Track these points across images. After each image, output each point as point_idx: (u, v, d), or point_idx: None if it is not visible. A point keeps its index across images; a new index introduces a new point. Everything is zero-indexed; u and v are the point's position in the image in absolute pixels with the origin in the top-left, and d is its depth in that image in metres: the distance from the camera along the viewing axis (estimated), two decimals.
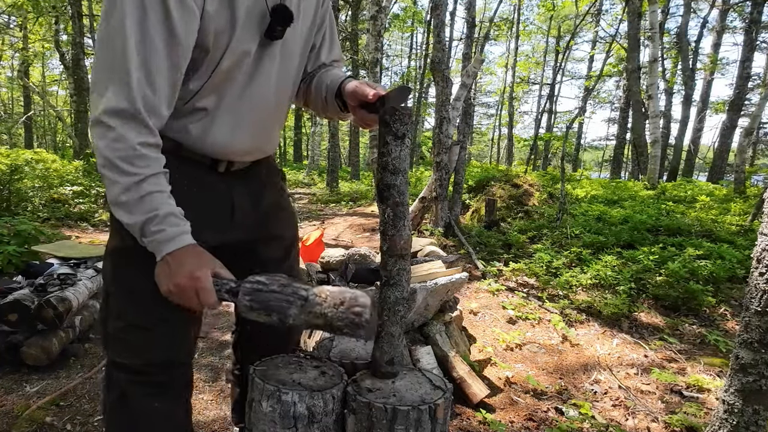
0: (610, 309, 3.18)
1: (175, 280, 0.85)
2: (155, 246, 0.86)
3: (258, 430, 0.89)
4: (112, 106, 0.81)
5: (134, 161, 0.83)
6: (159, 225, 0.85)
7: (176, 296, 0.87)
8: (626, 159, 17.92)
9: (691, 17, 14.04)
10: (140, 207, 0.84)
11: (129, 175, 0.83)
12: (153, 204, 0.84)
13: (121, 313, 0.98)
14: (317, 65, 1.17)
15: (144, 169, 0.84)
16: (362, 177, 13.14)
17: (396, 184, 0.90)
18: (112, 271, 1.01)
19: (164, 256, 0.85)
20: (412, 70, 22.43)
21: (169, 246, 0.85)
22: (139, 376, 1.00)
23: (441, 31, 5.24)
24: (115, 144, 0.82)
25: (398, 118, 0.88)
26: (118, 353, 1.01)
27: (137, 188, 0.83)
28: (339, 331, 0.82)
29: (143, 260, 0.89)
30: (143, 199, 0.84)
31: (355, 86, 0.98)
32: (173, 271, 0.85)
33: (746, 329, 1.49)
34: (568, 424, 1.96)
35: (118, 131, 0.81)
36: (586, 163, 32.16)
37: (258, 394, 0.89)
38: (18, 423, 1.79)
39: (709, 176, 11.91)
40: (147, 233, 0.85)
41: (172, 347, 1.02)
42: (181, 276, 0.85)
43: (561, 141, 8.70)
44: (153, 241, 0.85)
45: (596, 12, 17.56)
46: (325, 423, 0.88)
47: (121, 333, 0.98)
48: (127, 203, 0.84)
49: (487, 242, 4.89)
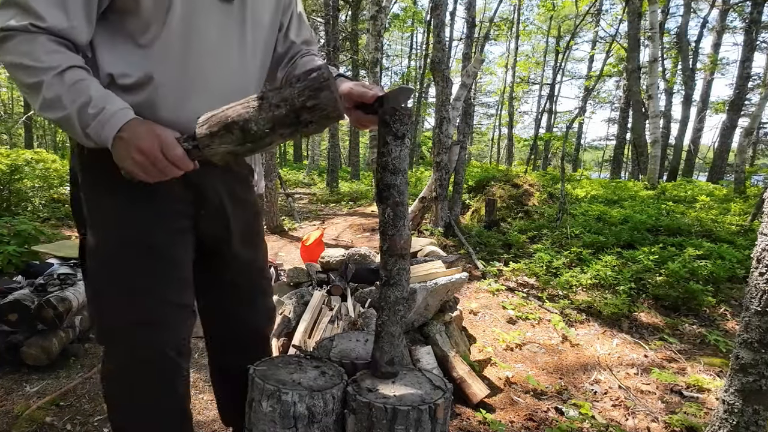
0: (610, 309, 3.18)
1: (136, 144, 0.80)
2: (100, 129, 0.80)
3: (258, 430, 0.89)
4: (10, 24, 0.77)
5: (49, 55, 0.78)
6: (96, 106, 0.79)
7: (141, 165, 0.82)
8: (626, 159, 17.91)
9: (691, 17, 14.04)
10: (69, 96, 0.79)
11: (46, 70, 0.78)
12: (82, 90, 0.79)
13: (117, 306, 0.96)
14: (287, 46, 1.14)
15: (61, 62, 0.79)
16: (362, 177, 13.13)
17: (396, 184, 0.90)
18: (98, 270, 0.97)
19: (115, 135, 0.81)
20: (412, 70, 22.42)
21: (116, 121, 0.81)
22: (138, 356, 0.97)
23: (441, 31, 5.24)
24: (20, 46, 0.77)
25: (398, 118, 0.88)
26: (116, 343, 0.98)
27: (60, 79, 0.78)
28: (305, 109, 0.75)
29: (132, 251, 0.91)
30: (71, 89, 0.79)
31: (351, 88, 0.95)
32: (130, 141, 0.80)
33: (746, 329, 1.49)
34: (568, 424, 1.96)
35: (22, 36, 0.77)
36: (586, 163, 32.15)
37: (258, 394, 0.89)
38: (18, 423, 1.79)
39: (709, 176, 11.90)
40: (87, 119, 0.79)
41: (162, 346, 0.98)
42: (140, 139, 0.81)
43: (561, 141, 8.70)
44: (97, 125, 0.80)
45: (596, 12, 17.55)
46: (325, 423, 0.88)
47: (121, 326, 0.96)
48: (54, 99, 0.79)
49: (487, 242, 4.89)
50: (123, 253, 0.94)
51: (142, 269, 0.95)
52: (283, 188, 7.26)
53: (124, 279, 0.94)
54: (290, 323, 2.29)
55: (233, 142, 0.79)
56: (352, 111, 0.99)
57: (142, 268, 0.95)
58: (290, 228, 6.35)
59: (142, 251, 0.95)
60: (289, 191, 7.83)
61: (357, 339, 1.25)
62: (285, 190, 7.43)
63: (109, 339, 0.99)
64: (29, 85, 0.80)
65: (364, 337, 1.26)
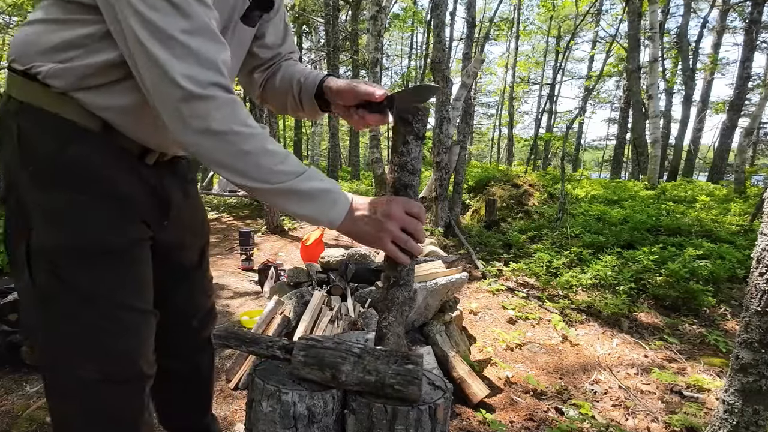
0: (610, 309, 3.18)
1: (389, 226, 0.79)
2: (331, 204, 0.78)
3: (258, 430, 0.89)
4: (198, 77, 0.70)
5: (248, 122, 0.74)
6: (319, 180, 0.77)
7: (390, 245, 0.81)
8: (626, 159, 17.91)
9: (691, 17, 14.04)
10: (289, 167, 0.75)
11: (255, 138, 0.73)
12: (296, 162, 0.77)
13: (74, 315, 0.86)
14: (273, 54, 1.10)
15: (257, 129, 0.75)
16: (362, 177, 13.14)
17: (413, 184, 0.90)
18: (54, 272, 0.84)
19: (351, 207, 0.80)
20: (412, 70, 22.40)
21: (346, 198, 0.80)
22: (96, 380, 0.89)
23: (441, 31, 5.24)
24: (225, 109, 0.72)
25: (420, 118, 0.88)
26: (71, 358, 0.88)
27: (272, 150, 0.75)
28: (390, 388, 0.83)
29: (102, 257, 0.84)
30: (287, 159, 0.76)
31: (353, 85, 0.93)
32: (377, 216, 0.80)
33: (746, 329, 1.49)
34: (568, 424, 1.96)
35: (222, 96, 0.72)
36: (586, 163, 32.13)
37: (258, 394, 0.89)
38: (18, 423, 1.79)
39: (709, 176, 11.91)
40: (312, 194, 0.76)
41: (136, 351, 0.92)
42: (393, 221, 0.79)
43: (561, 141, 8.69)
44: (327, 199, 0.77)
45: (596, 12, 17.55)
46: (325, 423, 0.87)
47: (78, 336, 0.86)
48: (274, 170, 0.74)
49: (487, 242, 4.89)
50: (92, 261, 0.85)
51: (118, 276, 0.89)
52: None
53: (99, 292, 0.86)
54: (290, 323, 2.29)
55: (319, 375, 0.86)
56: (352, 109, 0.97)
57: (120, 275, 0.89)
58: (290, 228, 6.35)
59: (120, 257, 0.88)
60: None
61: (357, 339, 1.25)
62: None
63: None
64: (242, 152, 0.74)
65: (365, 337, 1.26)
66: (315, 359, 0.86)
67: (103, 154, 0.84)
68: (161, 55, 0.69)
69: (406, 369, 0.83)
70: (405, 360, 0.84)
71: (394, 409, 0.83)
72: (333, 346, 0.87)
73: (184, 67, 0.69)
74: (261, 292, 3.57)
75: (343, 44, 13.89)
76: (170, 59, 0.69)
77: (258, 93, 1.14)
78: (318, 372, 0.86)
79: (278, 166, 0.75)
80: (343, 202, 0.80)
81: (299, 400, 0.86)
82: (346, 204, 0.80)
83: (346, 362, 0.85)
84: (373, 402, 0.84)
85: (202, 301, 1.20)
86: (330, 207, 0.78)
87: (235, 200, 8.12)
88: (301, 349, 0.87)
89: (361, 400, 0.86)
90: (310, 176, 0.77)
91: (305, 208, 0.77)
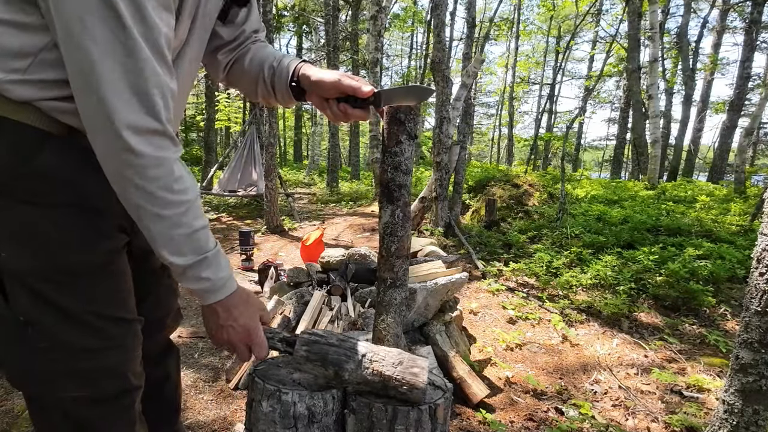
0: (610, 309, 3.18)
1: (228, 336, 0.84)
2: (201, 293, 0.80)
3: (258, 430, 0.89)
4: (136, 124, 0.67)
5: (173, 187, 0.72)
6: (207, 270, 0.78)
7: (226, 346, 0.87)
8: (626, 159, 17.90)
9: (691, 17, 14.04)
10: (189, 246, 0.75)
11: (173, 206, 0.72)
12: (200, 242, 0.76)
13: (58, 337, 0.80)
14: (236, 34, 1.03)
15: (183, 195, 0.74)
16: (362, 177, 13.13)
17: (407, 184, 0.90)
18: (33, 295, 0.77)
19: (212, 304, 0.82)
20: (412, 70, 22.41)
21: (217, 295, 0.81)
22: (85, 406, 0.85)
23: (441, 31, 5.24)
24: (150, 171, 0.70)
25: (412, 117, 0.87)
26: (56, 381, 0.83)
27: (184, 223, 0.74)
28: (394, 389, 0.83)
29: (82, 274, 0.79)
30: (191, 237, 0.75)
31: (339, 79, 0.89)
32: (223, 322, 0.83)
33: (746, 329, 1.49)
34: (568, 424, 1.96)
35: (151, 154, 0.69)
36: (586, 163, 32.14)
37: (258, 394, 0.89)
38: (18, 423, 1.79)
39: (709, 176, 11.91)
40: (191, 278, 0.77)
41: (123, 365, 0.89)
42: (234, 332, 0.84)
43: (561, 141, 8.70)
44: (200, 288, 0.79)
45: (596, 12, 17.55)
46: (325, 423, 0.87)
47: (62, 359, 0.82)
48: (175, 242, 0.74)
49: (487, 242, 4.89)
50: (73, 279, 0.80)
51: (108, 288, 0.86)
52: (284, 188, 7.26)
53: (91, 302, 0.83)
54: (290, 323, 2.29)
55: (321, 372, 0.86)
56: (332, 102, 0.92)
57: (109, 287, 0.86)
58: (290, 228, 6.35)
59: (101, 271, 0.84)
60: (289, 191, 7.83)
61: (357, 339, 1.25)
62: (285, 190, 7.42)
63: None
64: (151, 213, 0.74)
65: (365, 337, 1.26)
66: (318, 355, 0.86)
67: (72, 160, 0.77)
68: (107, 96, 0.65)
69: (412, 373, 0.83)
70: (411, 362, 0.84)
71: (395, 409, 0.83)
72: (337, 343, 0.86)
73: (127, 112, 0.67)
74: (261, 292, 3.56)
75: (343, 44, 13.89)
76: (114, 100, 0.66)
77: (222, 76, 1.07)
78: (320, 369, 0.85)
79: (184, 245, 0.76)
80: (224, 292, 0.82)
81: (299, 400, 0.86)
82: (226, 294, 0.83)
83: (351, 360, 0.84)
84: (373, 402, 0.84)
85: (172, 302, 1.18)
86: (213, 294, 0.82)
87: (235, 200, 8.12)
88: (304, 343, 0.86)
89: (362, 399, 0.86)
90: (208, 263, 0.79)
91: (193, 284, 0.80)
